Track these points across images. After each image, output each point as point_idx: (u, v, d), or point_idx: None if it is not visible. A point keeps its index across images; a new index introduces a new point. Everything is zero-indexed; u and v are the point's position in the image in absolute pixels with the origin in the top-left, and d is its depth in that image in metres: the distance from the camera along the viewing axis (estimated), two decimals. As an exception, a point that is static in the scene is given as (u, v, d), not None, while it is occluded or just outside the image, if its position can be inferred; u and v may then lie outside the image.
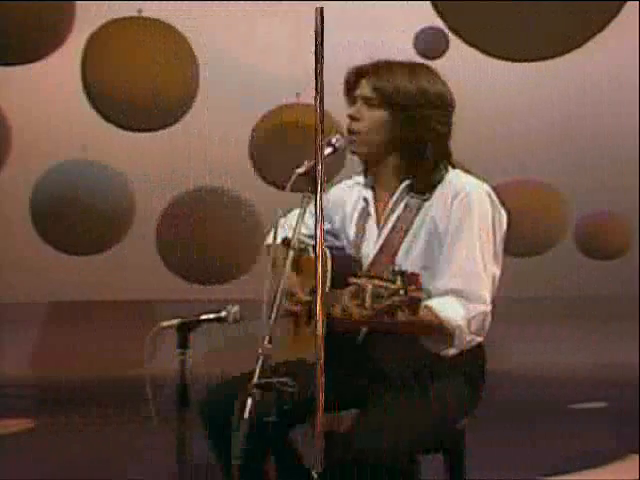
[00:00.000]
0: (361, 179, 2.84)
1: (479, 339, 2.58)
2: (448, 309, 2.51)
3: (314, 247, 2.89)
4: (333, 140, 2.67)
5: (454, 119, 2.72)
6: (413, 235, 2.66)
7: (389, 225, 2.71)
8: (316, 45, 2.23)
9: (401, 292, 2.15)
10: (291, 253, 2.53)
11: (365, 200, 2.79)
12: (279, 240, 2.69)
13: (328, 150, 2.65)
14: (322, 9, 2.22)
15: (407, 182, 2.70)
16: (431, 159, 2.66)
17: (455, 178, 2.67)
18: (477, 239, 2.58)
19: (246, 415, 2.26)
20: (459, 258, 2.56)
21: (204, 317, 2.95)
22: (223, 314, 2.94)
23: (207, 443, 2.73)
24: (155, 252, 7.29)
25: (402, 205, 2.70)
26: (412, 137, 2.65)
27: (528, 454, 4.65)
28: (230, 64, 9.49)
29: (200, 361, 3.90)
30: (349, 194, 2.87)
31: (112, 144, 7.40)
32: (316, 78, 2.24)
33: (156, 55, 6.08)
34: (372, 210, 2.77)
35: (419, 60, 3.07)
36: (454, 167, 2.72)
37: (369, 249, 2.75)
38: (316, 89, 2.25)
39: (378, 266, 2.64)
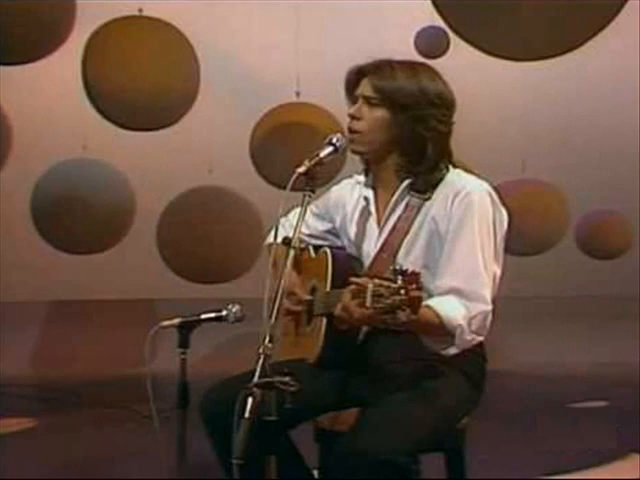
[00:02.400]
0: (362, 178, 2.84)
1: (480, 338, 2.57)
2: (449, 308, 2.50)
3: (315, 246, 2.92)
4: (334, 139, 2.67)
5: (455, 118, 2.72)
6: (414, 234, 2.66)
7: (390, 224, 2.71)
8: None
9: (402, 291, 2.15)
10: (292, 252, 2.53)
11: (366, 199, 2.79)
12: (280, 239, 2.69)
13: (329, 149, 2.66)
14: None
15: (408, 181, 2.70)
16: (432, 158, 2.66)
17: (456, 177, 2.68)
18: (478, 238, 2.58)
19: (247, 415, 2.26)
20: (460, 257, 2.56)
21: (205, 316, 2.95)
22: (224, 313, 2.94)
23: (207, 443, 2.72)
24: (155, 252, 7.29)
25: (403, 204, 2.69)
26: (413, 136, 2.65)
27: (528, 454, 4.65)
28: (230, 64, 9.51)
29: (200, 361, 3.91)
30: (350, 193, 2.87)
31: (112, 143, 7.41)
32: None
33: (157, 55, 6.08)
34: (373, 209, 2.76)
35: (420, 59, 3.08)
36: (455, 166, 2.72)
37: (370, 248, 2.74)
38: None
39: (379, 265, 2.64)
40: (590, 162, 9.92)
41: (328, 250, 2.80)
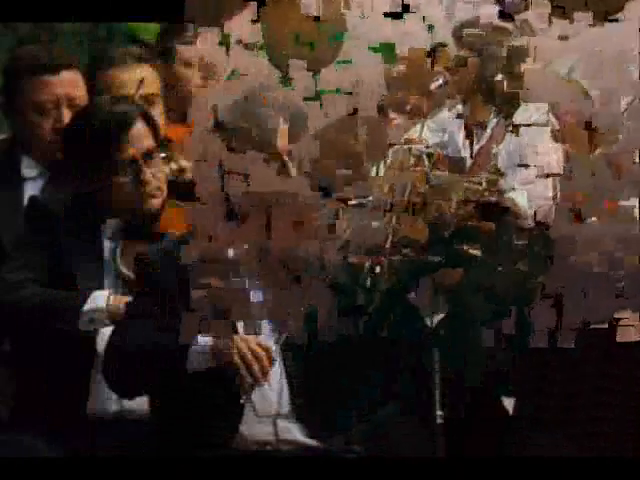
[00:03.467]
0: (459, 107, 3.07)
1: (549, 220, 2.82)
2: (521, 199, 2.86)
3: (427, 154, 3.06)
4: (441, 79, 2.86)
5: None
6: (501, 146, 2.98)
7: (483, 140, 3.02)
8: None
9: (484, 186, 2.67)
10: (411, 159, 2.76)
11: (460, 117, 3.03)
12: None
13: (440, 82, 2.85)
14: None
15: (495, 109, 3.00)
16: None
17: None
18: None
19: None
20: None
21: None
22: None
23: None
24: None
25: (493, 121, 3.02)
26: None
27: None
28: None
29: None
30: (449, 116, 3.07)
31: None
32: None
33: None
34: (463, 130, 3.05)
35: None
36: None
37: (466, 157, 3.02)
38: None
39: (474, 171, 2.92)
40: (590, 162, 9.94)
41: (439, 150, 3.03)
